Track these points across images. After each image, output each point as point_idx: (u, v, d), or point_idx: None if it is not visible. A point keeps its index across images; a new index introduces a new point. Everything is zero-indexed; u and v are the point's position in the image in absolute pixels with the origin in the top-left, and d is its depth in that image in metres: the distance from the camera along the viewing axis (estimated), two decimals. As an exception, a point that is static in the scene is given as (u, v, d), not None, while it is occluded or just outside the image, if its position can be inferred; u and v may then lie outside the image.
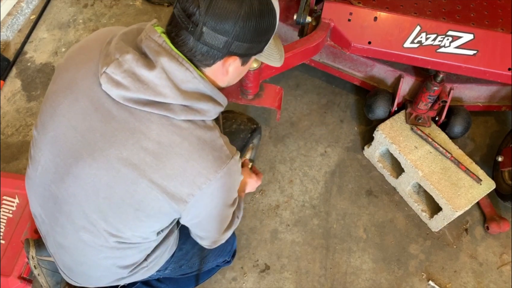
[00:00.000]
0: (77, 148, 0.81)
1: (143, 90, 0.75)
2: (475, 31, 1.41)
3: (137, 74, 0.75)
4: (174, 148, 0.78)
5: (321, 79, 2.01)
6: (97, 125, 0.79)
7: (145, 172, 0.78)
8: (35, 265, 1.23)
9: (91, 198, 0.83)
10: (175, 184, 0.80)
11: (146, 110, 0.77)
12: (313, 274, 1.51)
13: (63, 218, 0.89)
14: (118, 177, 0.80)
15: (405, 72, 1.68)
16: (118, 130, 0.78)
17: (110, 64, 0.76)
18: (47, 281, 1.24)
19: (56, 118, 0.83)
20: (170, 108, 0.77)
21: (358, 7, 1.45)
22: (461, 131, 1.69)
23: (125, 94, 0.76)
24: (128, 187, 0.80)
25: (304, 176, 1.73)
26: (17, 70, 1.97)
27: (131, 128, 0.78)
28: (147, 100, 0.76)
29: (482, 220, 1.66)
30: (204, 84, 0.80)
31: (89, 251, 0.92)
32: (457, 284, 1.52)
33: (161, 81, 0.76)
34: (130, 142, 0.78)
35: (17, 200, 1.47)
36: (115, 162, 0.79)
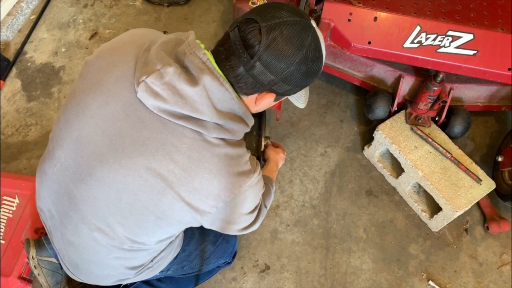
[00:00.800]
0: (104, 152, 0.81)
1: (182, 104, 0.76)
2: (475, 31, 1.41)
3: (177, 88, 0.76)
4: (204, 162, 0.80)
5: (321, 79, 2.01)
6: (127, 132, 0.79)
7: (172, 183, 0.80)
8: (35, 265, 1.22)
9: (113, 202, 0.84)
10: (200, 197, 0.82)
11: (179, 124, 0.78)
12: (313, 274, 1.51)
13: (78, 217, 0.89)
14: (144, 186, 0.80)
15: (405, 72, 1.68)
16: (149, 140, 0.78)
17: (151, 75, 0.76)
18: (47, 281, 1.23)
19: (83, 119, 0.83)
20: (204, 125, 0.78)
21: (358, 7, 1.45)
22: (461, 131, 1.70)
23: (162, 106, 0.77)
24: (154, 196, 0.81)
25: (304, 176, 1.73)
26: (17, 70, 1.97)
27: (163, 140, 0.78)
28: (183, 115, 0.77)
29: (482, 220, 1.66)
30: (239, 106, 0.82)
31: (100, 250, 0.93)
32: (457, 284, 1.52)
33: (201, 98, 0.77)
34: (160, 153, 0.78)
35: (17, 200, 1.47)
36: (143, 171, 0.79)
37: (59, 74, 1.97)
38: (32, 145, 1.74)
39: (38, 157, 1.71)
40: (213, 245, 1.26)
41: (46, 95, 1.90)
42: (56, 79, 1.95)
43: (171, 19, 2.20)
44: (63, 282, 1.27)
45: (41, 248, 1.23)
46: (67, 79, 1.95)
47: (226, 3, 2.29)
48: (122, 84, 0.81)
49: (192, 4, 2.28)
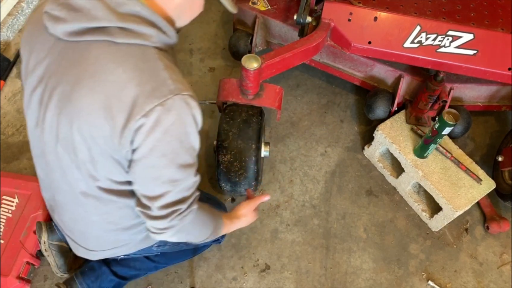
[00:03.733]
0: (43, 97, 0.84)
1: (79, 18, 0.76)
2: (475, 31, 1.41)
3: (71, 4, 0.77)
4: (108, 75, 0.76)
5: (321, 79, 2.01)
6: (52, 69, 0.81)
7: (82, 103, 0.78)
8: (46, 248, 1.28)
9: (55, 141, 0.86)
10: (113, 114, 0.77)
11: (87, 39, 0.77)
12: (313, 273, 1.51)
13: (51, 170, 0.93)
14: (64, 114, 0.81)
15: (405, 72, 1.68)
16: (63, 68, 0.80)
17: (48, 2, 0.78)
18: (55, 260, 1.30)
19: (28, 77, 0.87)
20: (108, 31, 0.76)
21: (358, 7, 1.45)
22: (461, 131, 1.70)
23: (66, 28, 0.77)
24: (74, 122, 0.81)
25: (304, 176, 1.73)
26: (17, 70, 1.97)
27: (73, 62, 0.79)
28: (85, 28, 0.76)
29: (482, 219, 1.66)
30: (142, 8, 0.78)
31: (77, 206, 0.95)
32: (457, 283, 1.52)
33: (91, 3, 0.76)
34: (72, 77, 0.79)
35: (17, 200, 1.47)
36: (60, 98, 0.81)
37: (59, 74, 1.97)
38: (32, 144, 1.75)
39: (38, 157, 1.71)
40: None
41: (46, 95, 1.90)
42: (56, 79, 1.95)
43: (171, 19, 2.21)
44: (70, 261, 1.33)
45: (52, 233, 1.28)
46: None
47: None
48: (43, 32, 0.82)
49: (192, 4, 2.28)
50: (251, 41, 1.80)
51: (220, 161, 1.41)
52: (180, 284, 1.45)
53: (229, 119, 1.43)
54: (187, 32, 2.15)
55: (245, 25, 1.87)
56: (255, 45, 1.79)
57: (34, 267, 1.42)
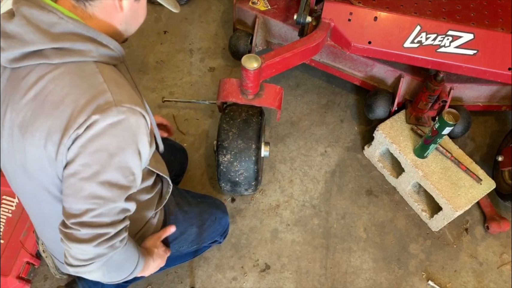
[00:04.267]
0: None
1: (14, 44, 0.75)
2: (475, 31, 1.41)
3: (6, 31, 0.76)
4: (48, 95, 0.75)
5: (321, 79, 2.01)
6: (3, 98, 0.81)
7: (27, 128, 0.77)
8: (44, 249, 1.28)
9: (11, 167, 0.86)
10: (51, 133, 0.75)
11: (26, 64, 0.77)
12: (313, 273, 1.51)
13: (21, 193, 0.93)
14: (15, 142, 0.81)
15: (405, 72, 1.68)
16: (9, 95, 0.80)
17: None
18: (54, 261, 1.29)
19: None
20: (44, 54, 0.75)
21: (358, 7, 1.45)
22: (461, 131, 1.70)
23: (6, 56, 0.77)
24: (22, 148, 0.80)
25: (304, 176, 1.73)
26: (17, 70, 1.97)
27: (14, 90, 0.79)
28: (22, 54, 0.76)
29: (482, 219, 1.66)
30: (75, 25, 0.76)
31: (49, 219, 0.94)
32: (457, 283, 1.52)
33: (23, 28, 0.75)
34: (14, 102, 0.79)
35: (17, 199, 1.47)
36: (10, 125, 0.80)
37: (59, 74, 1.97)
38: (32, 144, 1.74)
39: (38, 157, 1.71)
40: (199, 227, 1.26)
41: (46, 95, 1.90)
42: (56, 79, 1.95)
43: (171, 19, 2.21)
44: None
45: None
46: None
47: (226, 3, 2.29)
48: None
49: (192, 4, 2.28)
50: (251, 41, 1.80)
51: (220, 161, 1.41)
52: (180, 284, 1.45)
53: (229, 119, 1.43)
54: (187, 32, 2.15)
55: (245, 25, 1.87)
56: (255, 45, 1.79)
57: (34, 267, 1.42)
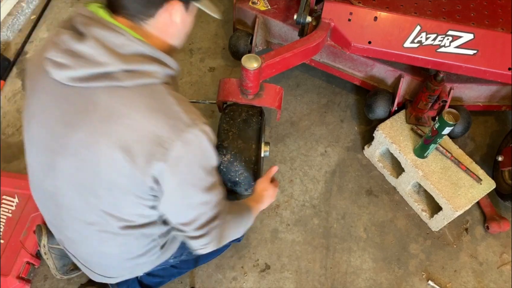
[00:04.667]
0: (49, 143, 0.83)
1: (83, 64, 0.75)
2: (475, 31, 1.41)
3: (74, 50, 0.76)
4: (124, 119, 0.76)
5: (321, 79, 2.01)
6: (58, 116, 0.80)
7: (101, 149, 0.78)
8: (45, 251, 1.28)
9: (71, 187, 0.85)
10: (131, 156, 0.77)
11: (93, 85, 0.76)
12: (313, 273, 1.51)
13: (63, 211, 0.92)
14: (83, 161, 0.81)
15: (405, 72, 1.68)
16: (73, 115, 0.79)
17: (51, 49, 0.78)
18: (55, 263, 1.29)
19: (29, 120, 0.87)
20: (114, 77, 0.76)
21: (358, 7, 1.45)
22: (461, 131, 1.70)
23: (70, 74, 0.76)
24: (94, 168, 0.80)
25: (304, 176, 1.73)
26: (17, 70, 1.97)
27: (83, 110, 0.78)
28: (91, 75, 0.76)
29: (482, 219, 1.66)
30: (144, 46, 0.79)
31: (92, 240, 0.95)
32: (457, 283, 1.52)
33: (96, 50, 0.75)
34: (84, 123, 0.78)
35: (17, 199, 1.47)
36: (77, 147, 0.80)
37: (60, 74, 1.97)
38: (32, 144, 1.75)
39: (38, 157, 1.71)
40: None
41: (47, 95, 1.90)
42: (57, 79, 1.95)
43: (171, 19, 2.21)
44: (70, 264, 1.33)
45: (52, 236, 1.27)
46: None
47: (226, 3, 2.30)
48: (43, 75, 0.81)
49: (192, 4, 2.28)
50: (251, 41, 1.80)
51: (220, 161, 1.41)
52: (180, 284, 1.45)
53: (229, 119, 1.43)
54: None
55: (245, 25, 1.87)
56: (255, 45, 1.79)
57: (34, 267, 1.42)
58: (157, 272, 1.28)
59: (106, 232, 0.91)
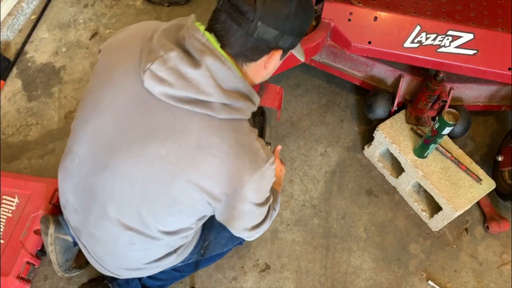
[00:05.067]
0: (117, 142, 0.83)
1: (187, 87, 0.77)
2: (475, 31, 1.41)
3: (181, 72, 0.77)
4: (213, 149, 0.80)
5: (321, 79, 2.01)
6: (138, 122, 0.81)
7: (182, 170, 0.81)
8: (51, 241, 1.26)
9: (127, 191, 0.86)
10: (211, 184, 0.83)
11: (187, 108, 0.78)
12: (313, 273, 1.51)
13: (97, 208, 0.92)
14: (155, 174, 0.82)
15: (405, 72, 1.69)
16: (158, 128, 0.80)
17: (155, 61, 0.78)
18: (58, 258, 1.28)
19: (97, 113, 0.86)
20: (212, 107, 0.79)
21: (358, 7, 1.45)
22: (461, 131, 1.70)
23: (168, 91, 0.78)
24: (164, 184, 0.83)
25: (304, 176, 1.73)
26: (17, 70, 1.98)
27: (171, 127, 0.80)
28: (190, 98, 0.78)
29: (482, 219, 1.66)
30: (243, 84, 0.82)
31: (119, 242, 0.96)
32: (457, 283, 1.52)
33: (205, 80, 0.77)
34: (169, 141, 0.80)
35: (17, 199, 1.47)
36: (153, 159, 0.81)
37: (60, 74, 1.97)
38: (33, 144, 1.74)
39: (39, 157, 1.71)
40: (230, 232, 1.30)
41: (47, 95, 1.90)
42: (57, 79, 1.95)
43: (171, 19, 2.20)
44: (72, 260, 1.32)
45: (59, 226, 1.27)
46: (67, 79, 1.96)
47: (226, 3, 2.29)
48: (130, 77, 0.82)
49: (192, 4, 2.28)
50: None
51: None
52: (180, 283, 1.45)
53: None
54: (187, 32, 2.16)
55: (245, 25, 1.87)
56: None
57: (34, 267, 1.42)
58: (160, 276, 1.29)
59: (141, 235, 0.93)
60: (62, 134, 1.78)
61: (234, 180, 0.83)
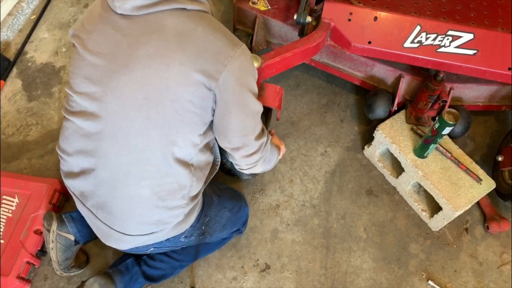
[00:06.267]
0: (110, 66, 0.92)
1: None
2: (475, 31, 1.41)
3: None
4: (191, 32, 0.92)
5: (321, 79, 2.01)
6: (122, 40, 0.92)
7: (173, 57, 0.90)
8: (53, 239, 1.27)
9: (131, 103, 0.93)
10: (202, 61, 0.92)
11: (159, 9, 0.90)
12: (313, 273, 1.51)
13: (105, 143, 0.98)
14: (151, 71, 0.91)
15: (405, 72, 1.68)
16: (140, 35, 0.91)
17: None
18: (58, 255, 1.29)
19: (85, 56, 0.96)
20: (179, 1, 0.91)
21: (358, 7, 1.45)
22: (461, 131, 1.70)
23: (137, 2, 0.89)
24: (162, 78, 0.90)
25: (304, 176, 1.73)
26: (17, 70, 1.98)
27: (150, 31, 0.91)
28: (157, 0, 0.90)
29: (482, 219, 1.66)
30: None
31: (133, 174, 0.99)
32: (457, 283, 1.52)
33: None
34: (152, 40, 0.91)
35: (17, 199, 1.47)
36: (144, 60, 0.91)
37: (60, 74, 1.98)
38: (33, 144, 1.75)
39: (39, 157, 1.71)
40: (230, 211, 1.34)
41: (47, 95, 1.90)
42: (57, 79, 1.96)
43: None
44: (71, 259, 1.33)
45: (62, 223, 1.28)
46: (67, 79, 1.96)
47: (226, 3, 2.30)
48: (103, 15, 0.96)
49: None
50: (251, 41, 1.80)
51: (223, 160, 1.41)
52: (180, 284, 1.45)
53: None
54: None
55: (245, 25, 1.87)
56: (255, 45, 1.79)
57: (34, 267, 1.42)
58: (161, 265, 1.31)
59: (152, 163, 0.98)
60: (62, 134, 1.78)
61: (220, 56, 0.93)
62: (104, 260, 1.47)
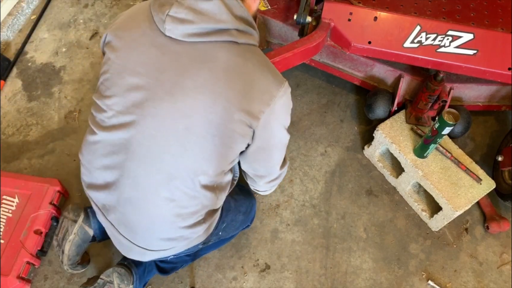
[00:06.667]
0: (154, 90, 0.91)
1: (207, 20, 0.88)
2: (475, 31, 1.41)
3: (198, 8, 0.88)
4: (240, 68, 0.91)
5: (321, 79, 2.01)
6: (169, 65, 0.90)
7: (220, 94, 0.89)
8: (75, 231, 1.24)
9: (171, 131, 0.92)
10: (247, 101, 0.92)
11: (210, 40, 0.89)
12: (313, 273, 1.51)
13: (136, 165, 0.96)
14: (195, 104, 0.89)
15: (405, 72, 1.69)
16: (189, 64, 0.89)
17: (172, 7, 0.88)
18: (70, 249, 1.26)
19: (124, 75, 0.93)
20: (231, 33, 0.90)
21: (358, 7, 1.45)
22: (461, 131, 1.70)
23: (190, 29, 0.88)
24: (206, 113, 0.89)
25: (304, 176, 1.73)
26: (17, 70, 1.98)
27: (200, 60, 0.89)
28: (210, 30, 0.89)
29: (482, 219, 1.66)
30: (247, 12, 0.94)
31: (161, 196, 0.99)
32: (457, 283, 1.52)
33: (220, 9, 0.88)
34: (202, 71, 0.89)
35: (17, 199, 1.47)
36: (191, 91, 0.89)
37: (60, 74, 1.98)
38: (33, 144, 1.75)
39: (39, 157, 1.71)
40: (244, 214, 1.37)
41: (47, 95, 1.90)
42: (57, 79, 1.96)
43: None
44: (80, 256, 1.31)
45: (87, 217, 1.27)
46: (67, 79, 1.96)
47: (226, 3, 2.29)
48: (149, 34, 0.92)
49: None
50: (251, 41, 1.80)
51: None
52: (180, 283, 1.45)
53: None
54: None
55: (245, 25, 1.87)
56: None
57: (34, 267, 1.42)
58: (172, 259, 1.32)
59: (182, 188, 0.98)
60: (62, 134, 1.78)
61: (265, 95, 0.93)
62: (104, 260, 1.48)
